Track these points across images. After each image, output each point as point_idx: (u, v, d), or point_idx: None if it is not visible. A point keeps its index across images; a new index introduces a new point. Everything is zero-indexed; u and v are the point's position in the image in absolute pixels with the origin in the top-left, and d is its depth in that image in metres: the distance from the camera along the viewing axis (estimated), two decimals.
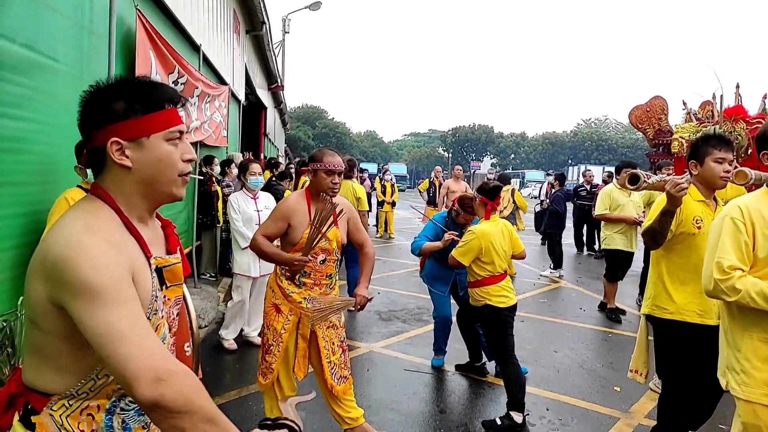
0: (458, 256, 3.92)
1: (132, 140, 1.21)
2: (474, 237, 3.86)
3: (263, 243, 3.02)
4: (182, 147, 1.28)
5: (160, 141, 1.23)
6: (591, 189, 11.89)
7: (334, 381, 3.03)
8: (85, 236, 1.12)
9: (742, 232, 2.13)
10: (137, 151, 1.22)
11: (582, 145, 67.06)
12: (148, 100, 1.23)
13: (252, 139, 15.56)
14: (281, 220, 3.03)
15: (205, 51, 6.96)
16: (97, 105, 1.22)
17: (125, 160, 1.21)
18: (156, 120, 1.23)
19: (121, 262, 1.13)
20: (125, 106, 1.21)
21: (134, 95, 1.22)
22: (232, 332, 4.98)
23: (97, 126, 1.22)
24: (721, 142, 2.73)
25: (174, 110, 1.27)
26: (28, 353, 1.21)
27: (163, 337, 1.30)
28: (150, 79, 1.29)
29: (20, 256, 2.74)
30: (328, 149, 3.13)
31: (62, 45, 3.14)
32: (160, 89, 1.26)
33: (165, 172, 1.24)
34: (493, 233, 3.89)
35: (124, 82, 1.25)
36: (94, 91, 1.25)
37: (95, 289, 1.07)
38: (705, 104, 6.87)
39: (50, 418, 1.17)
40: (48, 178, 3.06)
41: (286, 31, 21.93)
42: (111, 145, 1.20)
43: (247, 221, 4.98)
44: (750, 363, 2.10)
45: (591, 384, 4.46)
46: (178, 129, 1.26)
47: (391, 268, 9.17)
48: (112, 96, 1.22)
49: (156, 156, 1.23)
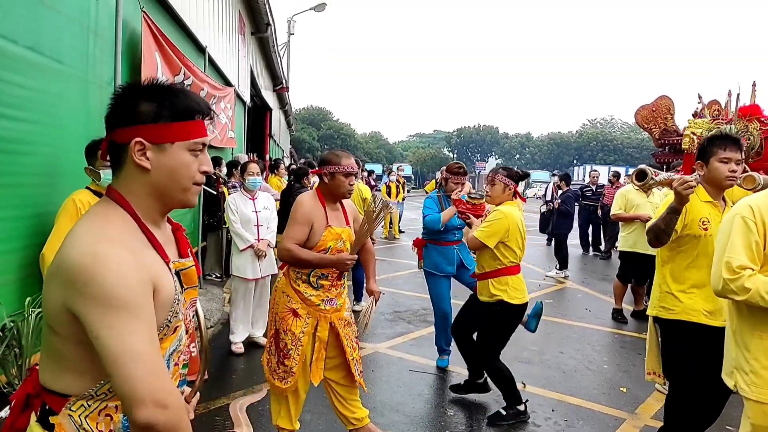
0: (483, 237, 3.57)
1: (155, 144, 1.23)
2: (502, 216, 3.57)
3: (298, 251, 2.93)
4: (201, 158, 1.30)
5: (182, 149, 1.25)
6: (597, 189, 11.86)
7: (357, 375, 3.10)
8: (104, 245, 1.13)
9: (753, 231, 2.10)
10: (158, 155, 1.23)
11: (587, 146, 66.82)
12: (179, 108, 1.24)
13: (257, 140, 15.60)
14: (305, 223, 2.97)
15: (210, 53, 6.98)
16: (129, 102, 1.23)
17: (145, 162, 1.22)
18: (183, 129, 1.25)
19: (141, 273, 1.14)
20: (156, 110, 1.22)
21: (167, 101, 1.24)
22: (239, 336, 4.96)
23: (124, 123, 1.23)
24: (728, 141, 2.69)
25: (202, 123, 1.29)
26: (46, 356, 1.23)
27: (180, 337, 1.31)
28: (185, 89, 1.31)
29: (26, 258, 2.76)
30: (342, 152, 3.13)
31: (67, 47, 3.16)
32: (193, 100, 1.28)
33: (180, 179, 1.26)
34: (517, 217, 3.64)
35: (160, 86, 1.27)
36: (129, 88, 1.26)
37: (115, 302, 1.09)
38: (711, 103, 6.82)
39: (69, 418, 1.19)
40: (53, 180, 3.08)
41: (291, 33, 21.97)
42: (134, 144, 1.21)
43: (246, 222, 4.94)
44: (760, 363, 2.08)
45: (597, 385, 4.44)
46: (201, 141, 1.29)
47: (396, 269, 9.16)
48: (145, 97, 1.23)
49: (175, 163, 1.25)
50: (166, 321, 1.23)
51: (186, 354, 1.38)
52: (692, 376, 2.67)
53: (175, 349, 1.30)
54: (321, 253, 2.95)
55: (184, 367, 1.38)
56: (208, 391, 3.87)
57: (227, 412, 3.64)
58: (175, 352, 1.31)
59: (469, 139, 76.08)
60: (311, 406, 3.72)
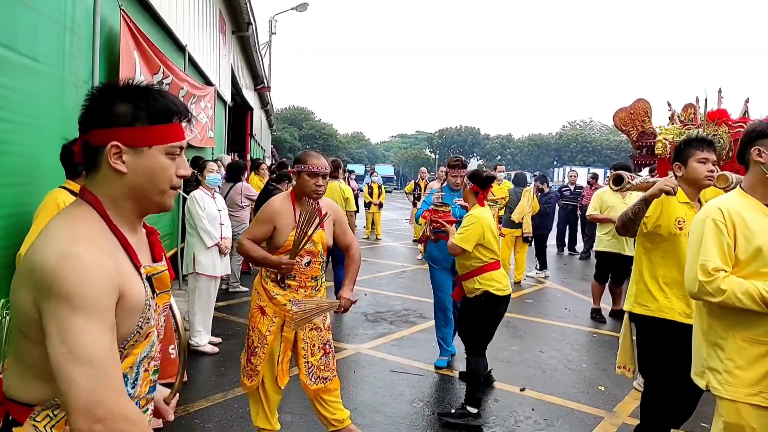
0: (461, 242, 3.76)
1: (132, 147, 1.20)
2: (475, 221, 3.77)
3: (250, 246, 2.99)
4: (179, 162, 1.27)
5: (159, 153, 1.22)
6: (575, 189, 12.02)
7: (310, 380, 3.00)
8: (74, 246, 1.10)
9: (724, 233, 2.15)
10: (134, 158, 1.20)
11: (567, 147, 67.63)
12: (156, 111, 1.21)
13: (238, 140, 15.50)
14: (266, 222, 3.00)
15: (190, 51, 6.91)
16: (105, 104, 1.20)
17: (121, 165, 1.19)
18: (160, 132, 1.22)
19: (107, 277, 1.11)
20: (133, 112, 1.19)
21: (144, 102, 1.20)
22: (205, 336, 4.90)
23: (100, 124, 1.19)
24: (704, 143, 2.79)
25: (179, 125, 1.27)
26: (13, 362, 1.19)
27: (152, 343, 1.29)
28: (162, 90, 1.27)
29: (2, 258, 2.70)
30: (312, 151, 3.12)
31: (43, 45, 3.10)
32: (171, 102, 1.25)
33: (157, 183, 1.23)
34: (489, 218, 3.86)
35: (137, 87, 1.23)
36: (105, 89, 1.23)
37: (74, 302, 1.05)
38: (687, 107, 6.96)
39: (34, 429, 1.15)
40: (30, 180, 3.02)
41: (272, 32, 21.86)
42: (110, 148, 1.18)
43: (213, 220, 4.90)
44: (734, 363, 2.12)
45: (576, 384, 4.49)
46: (179, 145, 1.26)
47: (378, 270, 9.16)
48: (122, 98, 1.20)
49: (152, 166, 1.22)
50: (137, 327, 1.20)
51: (157, 360, 1.35)
52: (667, 373, 2.72)
53: (146, 355, 1.27)
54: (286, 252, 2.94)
55: (154, 373, 1.34)
56: (187, 394, 3.83)
57: (206, 414, 3.60)
58: (146, 358, 1.28)
59: (451, 140, 76.39)
60: (292, 407, 3.71)
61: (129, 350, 1.21)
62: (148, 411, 1.34)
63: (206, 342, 4.89)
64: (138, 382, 1.26)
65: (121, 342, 1.18)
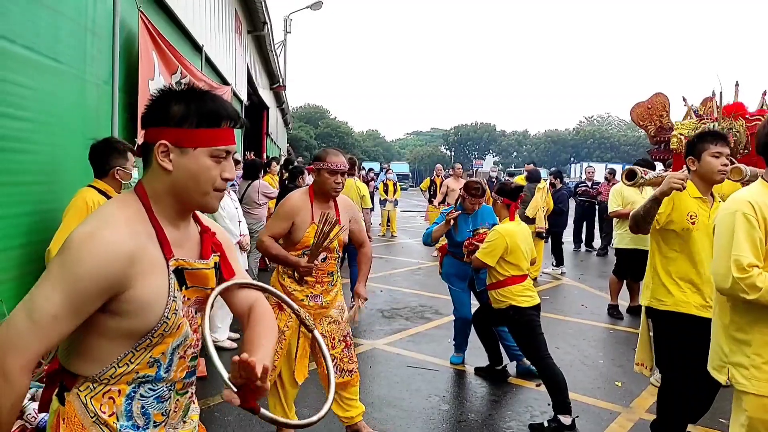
0: (483, 256, 3.80)
1: (178, 146, 1.26)
2: (499, 236, 3.77)
3: (270, 244, 3.01)
4: (224, 165, 1.31)
5: (204, 155, 1.27)
6: (592, 186, 11.90)
7: (336, 373, 3.02)
8: (100, 228, 1.20)
9: (756, 227, 2.06)
10: (180, 157, 1.27)
11: (584, 143, 67.01)
12: (205, 114, 1.27)
13: (254, 139, 15.61)
14: (285, 219, 3.01)
15: (207, 51, 7.00)
16: (162, 104, 1.28)
17: (167, 163, 1.26)
18: (207, 135, 1.27)
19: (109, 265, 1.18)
20: (182, 114, 1.26)
21: (194, 105, 1.27)
22: (223, 332, 4.98)
23: (153, 124, 1.28)
24: (717, 137, 2.76)
25: (229, 130, 1.31)
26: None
27: (186, 335, 1.35)
28: (216, 95, 1.33)
29: (26, 255, 2.78)
30: (332, 149, 3.12)
31: (64, 46, 3.18)
32: (221, 107, 1.30)
33: (200, 183, 1.28)
34: (518, 233, 3.83)
35: (192, 90, 1.30)
36: (166, 90, 1.31)
37: (64, 271, 1.17)
38: (706, 101, 6.85)
39: (77, 397, 1.27)
40: (53, 178, 3.10)
41: (287, 31, 21.98)
42: (158, 146, 1.26)
43: (232, 218, 4.97)
44: (762, 358, 2.06)
45: (592, 379, 4.48)
46: (226, 149, 1.30)
47: (394, 267, 9.19)
48: (175, 100, 1.27)
49: (195, 167, 1.27)
50: (164, 318, 1.26)
51: (196, 347, 1.41)
52: (684, 368, 2.70)
53: (180, 344, 1.34)
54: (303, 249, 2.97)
55: (192, 360, 1.41)
56: (207, 388, 3.89)
57: (226, 408, 3.66)
58: (180, 346, 1.34)
59: (467, 137, 76.16)
60: (310, 401, 3.75)
61: (158, 339, 1.28)
62: (188, 393, 1.45)
63: (225, 337, 4.97)
64: (172, 367, 1.34)
65: (149, 330, 1.25)
